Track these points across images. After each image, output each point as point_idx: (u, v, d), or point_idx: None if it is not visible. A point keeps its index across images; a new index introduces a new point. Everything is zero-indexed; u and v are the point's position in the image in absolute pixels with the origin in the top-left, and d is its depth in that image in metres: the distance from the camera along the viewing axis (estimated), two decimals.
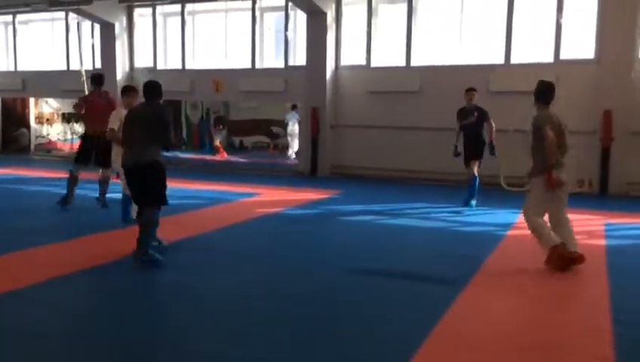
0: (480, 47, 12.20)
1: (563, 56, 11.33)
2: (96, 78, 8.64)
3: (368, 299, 4.60)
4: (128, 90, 7.21)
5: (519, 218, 8.07)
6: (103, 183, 8.37)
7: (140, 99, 6.28)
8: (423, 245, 6.52)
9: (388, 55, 12.96)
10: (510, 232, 7.14)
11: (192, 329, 3.89)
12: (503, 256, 5.95)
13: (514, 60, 11.71)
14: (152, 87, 5.67)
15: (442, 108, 11.92)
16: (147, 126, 5.46)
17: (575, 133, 10.90)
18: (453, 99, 11.89)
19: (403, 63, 12.64)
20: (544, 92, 5.56)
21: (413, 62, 12.57)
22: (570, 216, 6.29)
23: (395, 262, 5.69)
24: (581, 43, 11.29)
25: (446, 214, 8.47)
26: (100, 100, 8.38)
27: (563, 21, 11.29)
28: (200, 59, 15.32)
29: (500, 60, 11.80)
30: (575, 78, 11.07)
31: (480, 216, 8.35)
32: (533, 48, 11.69)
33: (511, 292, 4.81)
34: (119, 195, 7.32)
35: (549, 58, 11.41)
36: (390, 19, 13.07)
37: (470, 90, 8.79)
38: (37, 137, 18.09)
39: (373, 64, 13.00)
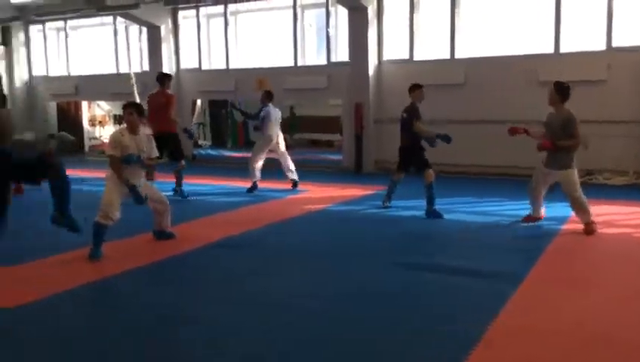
0: (527, 36, 11.90)
1: (615, 43, 10.93)
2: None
3: (423, 295, 4.58)
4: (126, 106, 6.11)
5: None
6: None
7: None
8: (474, 239, 6.43)
9: (431, 48, 12.80)
10: (565, 226, 6.96)
11: (232, 328, 3.89)
12: (559, 250, 5.82)
13: (563, 49, 11.37)
14: None
15: (488, 101, 11.73)
16: None
17: (629, 122, 10.65)
18: (500, 91, 11.71)
19: (447, 56, 12.47)
20: None
21: (458, 55, 12.38)
22: (624, 209, 6.14)
23: (448, 258, 5.64)
24: (634, 29, 10.87)
25: (496, 208, 8.32)
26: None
27: (615, 6, 10.89)
28: (244, 59, 15.52)
29: (550, 50, 11.48)
30: (628, 65, 10.69)
31: None
32: (583, 36, 11.32)
33: (569, 286, 4.71)
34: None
35: (601, 46, 11.04)
36: (433, 11, 12.90)
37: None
38: (90, 139, 18.70)
39: (416, 57, 12.87)
